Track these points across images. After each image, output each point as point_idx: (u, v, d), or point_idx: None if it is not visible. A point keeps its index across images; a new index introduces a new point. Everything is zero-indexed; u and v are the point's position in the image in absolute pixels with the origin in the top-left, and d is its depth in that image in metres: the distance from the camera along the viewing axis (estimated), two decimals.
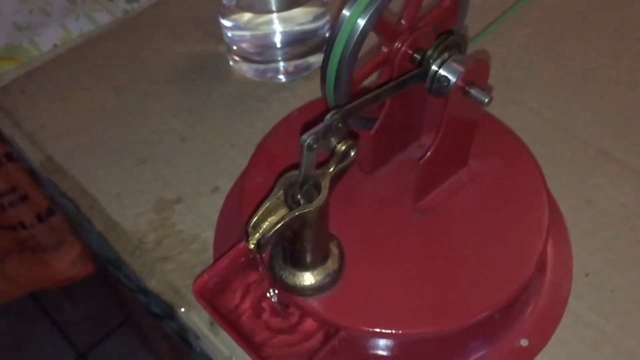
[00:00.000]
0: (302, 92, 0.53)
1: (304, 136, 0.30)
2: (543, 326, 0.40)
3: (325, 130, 0.32)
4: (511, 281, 0.37)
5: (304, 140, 0.30)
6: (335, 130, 0.32)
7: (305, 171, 0.32)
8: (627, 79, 0.53)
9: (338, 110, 0.32)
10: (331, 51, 0.35)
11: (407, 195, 0.40)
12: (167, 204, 0.46)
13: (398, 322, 0.35)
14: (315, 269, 0.36)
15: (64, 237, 1.12)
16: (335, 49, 0.35)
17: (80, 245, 1.14)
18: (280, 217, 0.32)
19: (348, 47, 0.34)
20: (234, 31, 0.53)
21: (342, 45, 0.34)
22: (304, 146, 0.30)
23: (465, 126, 0.38)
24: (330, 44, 0.35)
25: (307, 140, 0.30)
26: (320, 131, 0.31)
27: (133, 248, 0.45)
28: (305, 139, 0.30)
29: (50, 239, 1.11)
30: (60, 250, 1.14)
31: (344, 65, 0.35)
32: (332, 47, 0.35)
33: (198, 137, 0.50)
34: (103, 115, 0.52)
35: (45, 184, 0.66)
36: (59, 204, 0.74)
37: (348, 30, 0.34)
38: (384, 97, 0.35)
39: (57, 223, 1.09)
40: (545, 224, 0.39)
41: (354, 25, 0.34)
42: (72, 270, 1.17)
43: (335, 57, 0.35)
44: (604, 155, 0.48)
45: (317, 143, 0.31)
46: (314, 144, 0.31)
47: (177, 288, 0.42)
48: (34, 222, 1.06)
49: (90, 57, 0.56)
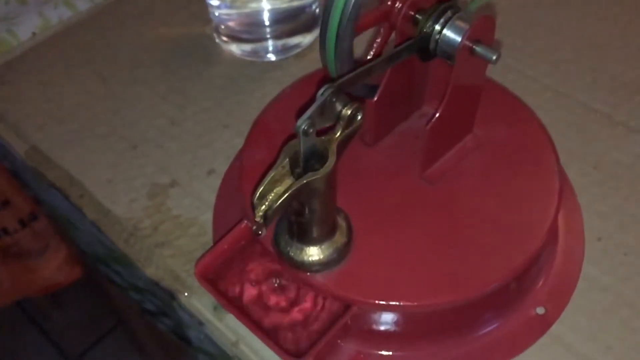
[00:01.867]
0: (295, 70, 0.51)
1: (299, 122, 0.29)
2: (558, 293, 0.38)
3: (320, 109, 0.30)
4: (525, 248, 0.36)
5: (299, 126, 0.29)
6: (333, 103, 0.30)
7: (306, 152, 0.30)
8: (625, 41, 0.52)
9: (330, 85, 0.30)
10: (329, 15, 0.33)
11: (412, 165, 0.39)
12: (161, 189, 0.44)
13: (413, 293, 0.34)
14: (323, 243, 0.35)
15: (49, 241, 1.10)
16: (333, 12, 0.33)
17: (65, 249, 1.11)
18: (286, 187, 0.31)
19: (347, 10, 0.33)
20: (221, 10, 0.51)
21: (340, 8, 0.33)
22: (300, 132, 0.29)
23: (472, 89, 0.37)
24: (328, 8, 0.33)
25: (302, 125, 0.29)
26: (315, 112, 0.30)
27: (128, 235, 0.43)
28: (300, 125, 0.29)
29: (34, 245, 1.08)
30: (45, 255, 1.12)
31: (343, 30, 0.33)
32: (330, 11, 0.33)
33: (189, 120, 0.48)
34: (88, 102, 0.50)
35: (29, 182, 0.64)
36: (44, 203, 0.72)
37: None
38: (383, 68, 0.33)
39: (40, 228, 1.06)
40: (557, 188, 0.38)
41: None
42: (58, 275, 1.15)
43: (334, 22, 0.33)
44: (608, 119, 0.47)
45: (313, 127, 0.29)
46: (310, 128, 0.29)
47: (177, 274, 0.41)
48: (17, 228, 1.03)
49: (71, 44, 0.54)
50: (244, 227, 0.38)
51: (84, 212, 0.44)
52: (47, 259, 1.12)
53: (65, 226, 0.73)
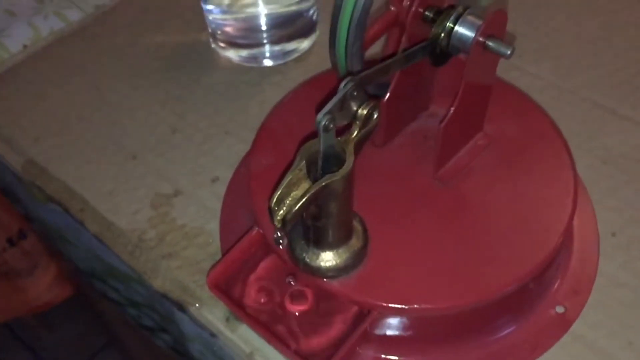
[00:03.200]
0: (295, 75, 0.50)
1: (319, 116, 0.28)
2: (577, 291, 0.38)
3: (341, 103, 0.29)
4: (544, 246, 0.35)
5: (319, 121, 0.28)
6: (352, 99, 0.30)
7: (325, 150, 0.29)
8: (625, 35, 0.51)
9: (352, 77, 0.30)
10: (339, 16, 0.33)
11: (423, 166, 0.38)
12: (164, 199, 0.43)
13: (434, 297, 0.33)
14: (340, 247, 0.34)
15: (38, 260, 1.08)
16: (343, 13, 0.32)
17: (55, 268, 1.09)
18: (304, 190, 0.30)
19: (357, 11, 0.32)
20: (217, 15, 0.50)
21: (351, 10, 0.32)
22: (320, 127, 0.28)
23: (483, 85, 0.36)
24: (337, 8, 0.33)
25: (323, 121, 0.28)
26: (335, 106, 0.29)
27: (133, 247, 0.41)
28: (321, 120, 0.28)
29: (23, 264, 1.06)
30: (34, 274, 1.10)
31: (354, 31, 0.33)
32: (340, 12, 0.33)
33: (190, 127, 0.47)
34: (84, 113, 0.49)
35: (21, 198, 0.63)
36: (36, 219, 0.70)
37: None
38: (400, 66, 0.33)
39: (29, 246, 1.04)
40: (572, 184, 0.37)
41: None
42: (48, 294, 1.13)
43: (344, 23, 0.33)
44: (613, 114, 0.46)
45: (333, 122, 0.28)
46: (330, 123, 0.28)
47: (185, 285, 0.39)
48: (6, 247, 1.02)
49: (64, 55, 0.53)
50: (255, 234, 0.37)
51: (86, 226, 0.43)
52: (36, 278, 1.10)
53: (58, 243, 0.71)
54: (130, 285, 0.60)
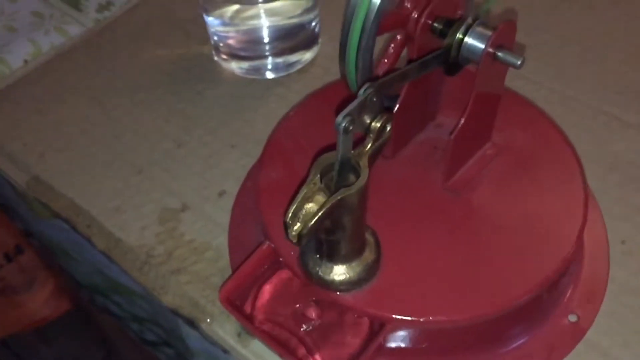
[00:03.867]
0: (298, 87, 0.50)
1: (339, 118, 0.28)
2: (589, 299, 0.38)
3: (360, 108, 0.29)
4: (557, 255, 0.35)
5: (339, 123, 0.28)
6: (370, 106, 0.30)
7: (343, 155, 0.29)
8: (628, 42, 0.52)
9: (371, 84, 0.30)
10: (348, 32, 0.33)
11: (433, 176, 0.38)
12: (172, 214, 0.43)
13: (450, 308, 0.33)
14: (353, 260, 0.34)
15: (36, 275, 1.07)
16: (353, 30, 0.32)
17: (53, 282, 1.08)
18: (319, 204, 0.29)
19: (366, 27, 0.32)
20: (219, 27, 0.50)
21: (360, 26, 0.32)
22: (340, 129, 0.28)
23: (492, 95, 0.36)
24: (347, 25, 0.33)
25: (343, 122, 0.28)
26: (355, 110, 0.29)
27: (141, 263, 0.41)
28: (341, 122, 0.28)
29: (21, 279, 1.06)
30: (32, 289, 1.09)
31: (363, 45, 0.33)
32: (349, 28, 0.32)
33: (195, 141, 0.47)
34: (88, 128, 0.48)
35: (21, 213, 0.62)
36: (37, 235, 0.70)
37: (365, 9, 0.32)
38: (417, 72, 0.33)
39: (26, 261, 1.03)
40: (583, 192, 0.37)
41: (369, 4, 0.32)
42: (45, 309, 1.12)
43: (354, 38, 0.33)
44: (618, 121, 0.46)
45: (353, 124, 0.28)
46: (350, 125, 0.28)
47: (195, 300, 0.39)
48: (3, 263, 1.01)
49: (66, 69, 0.53)
50: (266, 248, 0.37)
51: (93, 242, 0.43)
52: (34, 293, 1.10)
53: (59, 258, 0.70)
54: (134, 300, 0.59)
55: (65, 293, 1.09)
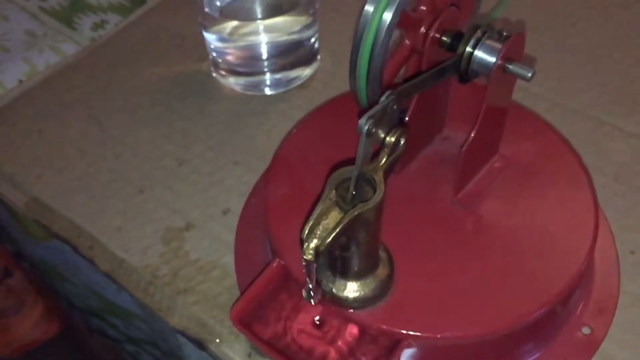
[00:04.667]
0: (300, 102, 0.50)
1: (362, 121, 0.28)
2: (602, 310, 0.38)
3: (382, 113, 0.29)
4: (571, 268, 0.35)
5: (362, 126, 0.28)
6: (387, 118, 0.29)
7: (364, 160, 0.29)
8: (625, 53, 0.52)
9: (392, 91, 0.29)
10: (359, 49, 0.32)
11: (442, 190, 0.38)
12: (176, 233, 0.42)
13: (467, 324, 0.33)
14: (367, 277, 0.33)
15: (24, 297, 1.05)
16: (363, 46, 0.32)
17: (42, 305, 1.06)
18: (335, 220, 0.29)
19: (377, 44, 0.32)
20: (218, 43, 0.50)
21: (371, 43, 0.32)
22: (363, 132, 0.28)
23: (501, 107, 0.36)
24: (357, 42, 0.32)
25: (366, 125, 0.28)
26: (378, 114, 0.29)
27: (146, 284, 0.40)
28: (364, 124, 0.28)
29: (9, 303, 1.03)
30: (21, 313, 1.07)
31: (374, 61, 0.32)
32: (360, 45, 0.32)
33: (197, 159, 0.46)
34: (87, 148, 0.48)
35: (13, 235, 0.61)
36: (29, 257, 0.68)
37: (375, 26, 0.32)
38: (434, 79, 0.33)
39: (15, 284, 1.01)
40: (593, 203, 0.37)
41: (379, 21, 0.31)
42: (34, 332, 1.10)
43: (364, 54, 0.32)
44: (620, 131, 0.47)
45: (375, 127, 0.28)
46: (373, 128, 0.28)
47: (203, 321, 0.38)
48: None
49: (62, 89, 0.52)
50: (276, 266, 0.36)
51: (96, 264, 0.42)
52: (23, 317, 1.07)
53: (54, 280, 0.69)
54: (131, 321, 0.58)
55: (55, 316, 1.07)
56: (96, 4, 0.60)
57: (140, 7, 0.59)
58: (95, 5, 0.60)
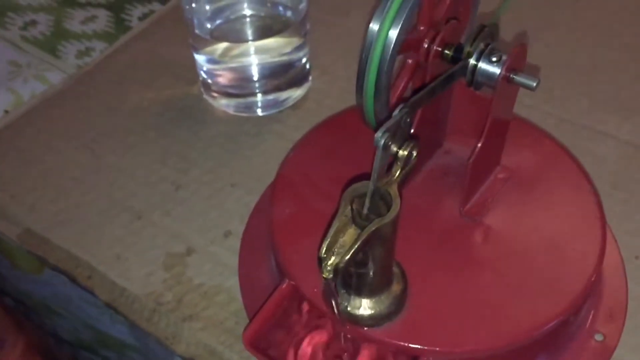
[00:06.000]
0: (294, 122, 0.49)
1: (378, 134, 0.28)
2: (612, 317, 0.38)
3: (397, 126, 0.29)
4: (583, 275, 0.35)
5: (378, 140, 0.27)
6: (403, 127, 0.29)
7: (379, 174, 0.29)
8: (613, 63, 0.53)
9: (405, 104, 0.29)
10: (366, 67, 0.32)
11: (447, 203, 0.38)
12: (177, 258, 0.41)
13: (486, 337, 0.32)
14: (382, 293, 0.33)
15: (5, 336, 1.02)
16: (370, 64, 0.32)
17: (24, 342, 1.03)
18: (352, 237, 0.29)
19: (384, 62, 0.32)
20: (209, 65, 0.50)
21: (377, 61, 0.32)
22: (380, 145, 0.27)
23: (504, 118, 0.36)
24: (364, 60, 0.32)
25: (383, 139, 0.27)
26: (392, 127, 0.28)
27: (150, 312, 0.39)
28: (380, 138, 0.27)
29: None
30: (2, 352, 1.04)
31: (382, 78, 0.32)
32: (367, 63, 0.32)
33: (194, 183, 0.46)
34: (80, 176, 0.47)
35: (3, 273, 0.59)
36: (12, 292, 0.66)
37: (381, 44, 0.31)
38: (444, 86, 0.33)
39: None
40: (599, 210, 0.37)
41: (385, 39, 0.31)
42: None
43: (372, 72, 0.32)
44: (614, 139, 0.47)
45: (391, 140, 0.28)
46: (389, 141, 0.28)
47: (212, 348, 0.37)
48: None
49: (51, 118, 0.51)
50: (285, 287, 0.36)
51: (96, 294, 0.41)
52: (4, 355, 1.04)
53: (39, 314, 0.67)
54: (125, 353, 0.57)
55: (38, 354, 1.04)
56: (80, 32, 0.59)
57: (125, 34, 0.58)
58: (79, 33, 0.59)
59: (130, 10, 0.60)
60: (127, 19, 0.60)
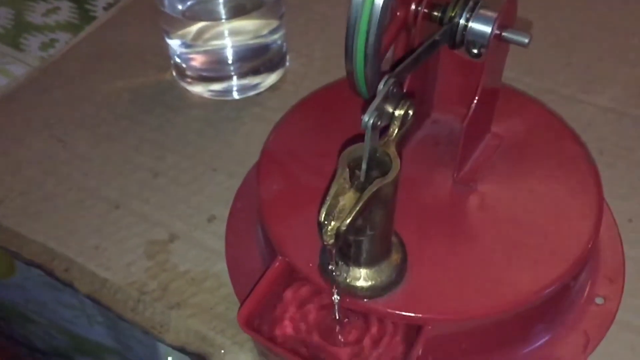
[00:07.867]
0: (274, 104, 0.48)
1: (365, 116, 0.27)
2: (611, 279, 0.37)
3: (384, 100, 0.28)
4: (583, 238, 0.34)
5: (366, 121, 0.26)
6: (392, 97, 0.28)
7: (370, 152, 0.27)
8: (592, 34, 0.53)
9: (390, 74, 0.28)
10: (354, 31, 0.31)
11: (440, 171, 0.37)
12: (160, 245, 0.40)
13: (489, 302, 0.31)
14: (382, 263, 0.31)
15: None
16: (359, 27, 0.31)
17: None
18: (351, 200, 0.27)
19: (372, 23, 0.30)
20: (183, 49, 0.48)
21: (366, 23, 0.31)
22: (369, 126, 0.26)
23: (495, 82, 0.36)
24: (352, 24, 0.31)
25: (371, 119, 0.26)
26: (379, 104, 0.27)
27: (135, 302, 0.37)
28: (368, 119, 0.26)
29: None
30: None
31: (371, 41, 0.31)
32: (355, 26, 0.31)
33: (173, 169, 0.44)
34: (51, 168, 0.44)
35: None
36: None
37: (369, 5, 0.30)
38: (428, 52, 0.31)
39: None
40: (595, 173, 0.37)
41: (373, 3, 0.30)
42: None
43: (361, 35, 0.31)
44: (596, 107, 0.47)
45: (379, 120, 0.27)
46: (378, 120, 0.27)
47: (203, 334, 0.36)
48: None
49: (16, 111, 0.49)
50: (279, 264, 0.34)
51: (75, 287, 0.39)
52: None
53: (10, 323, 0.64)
54: (103, 356, 0.54)
55: None
56: (42, 24, 0.57)
57: (90, 24, 0.56)
58: (41, 25, 0.57)
59: (95, 0, 0.58)
60: (91, 9, 0.58)
